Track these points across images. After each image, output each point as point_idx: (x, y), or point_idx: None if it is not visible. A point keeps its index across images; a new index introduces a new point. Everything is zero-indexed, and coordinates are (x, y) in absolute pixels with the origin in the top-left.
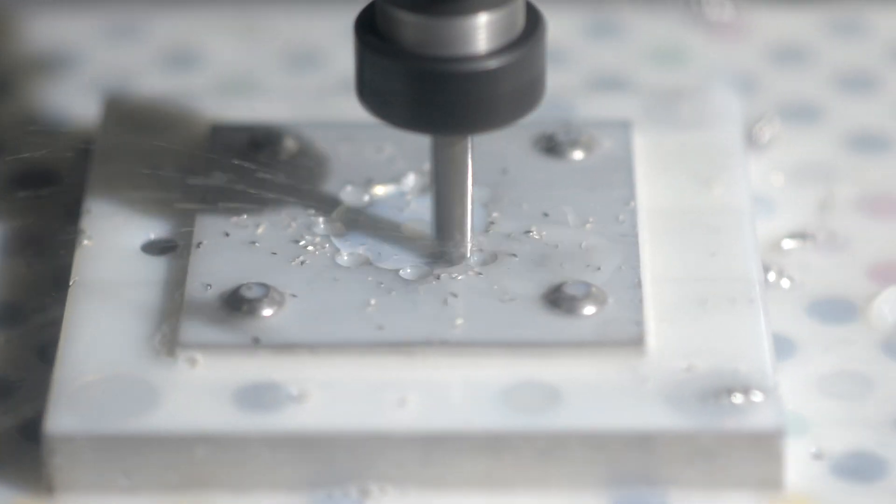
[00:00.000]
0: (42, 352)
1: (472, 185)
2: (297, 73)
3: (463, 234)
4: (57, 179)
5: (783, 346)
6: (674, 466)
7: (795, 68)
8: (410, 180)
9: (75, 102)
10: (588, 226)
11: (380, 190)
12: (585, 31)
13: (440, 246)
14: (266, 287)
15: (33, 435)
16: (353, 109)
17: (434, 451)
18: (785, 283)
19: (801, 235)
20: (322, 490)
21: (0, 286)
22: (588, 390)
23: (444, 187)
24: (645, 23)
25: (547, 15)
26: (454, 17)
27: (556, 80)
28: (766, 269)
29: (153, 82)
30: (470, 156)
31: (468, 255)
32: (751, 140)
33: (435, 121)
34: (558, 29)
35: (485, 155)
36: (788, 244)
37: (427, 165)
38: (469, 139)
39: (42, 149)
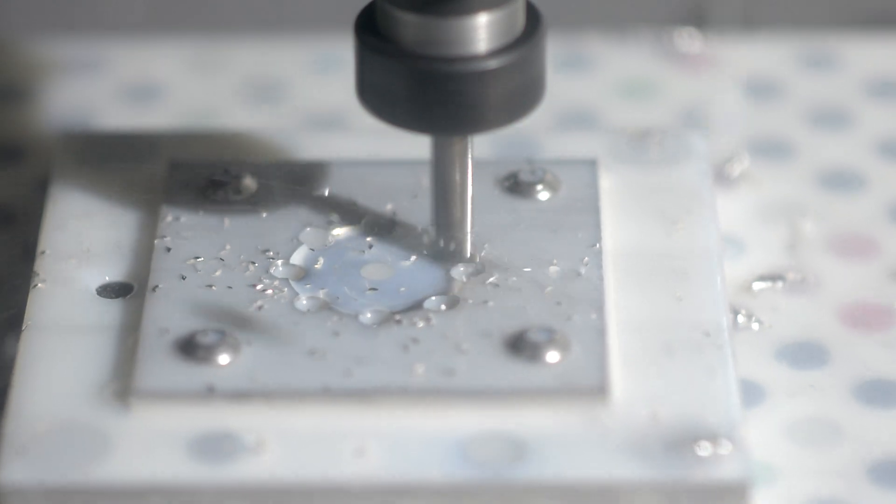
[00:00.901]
0: None
1: (472, 184)
2: (259, 106)
3: (463, 233)
4: (13, 218)
5: (751, 392)
6: None
7: (766, 103)
8: (371, 222)
9: (32, 137)
10: (552, 269)
11: (340, 231)
12: (554, 63)
13: (440, 245)
14: (222, 333)
15: None
16: (315, 147)
17: (394, 503)
18: (754, 325)
19: (770, 277)
20: None
21: None
22: (551, 440)
23: (444, 187)
24: (614, 56)
25: None
26: (454, 17)
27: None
28: (735, 312)
29: (113, 116)
30: (470, 156)
31: (468, 254)
32: (720, 177)
33: (435, 121)
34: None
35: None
36: (759, 286)
37: (388, 206)
38: (469, 139)
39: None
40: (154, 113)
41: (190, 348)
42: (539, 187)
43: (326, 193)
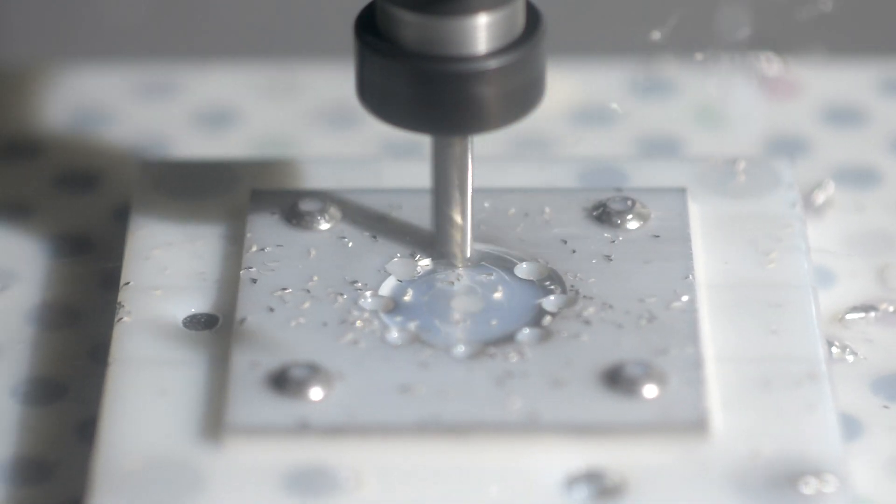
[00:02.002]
0: (80, 430)
1: (472, 185)
2: (335, 132)
3: (463, 234)
4: (91, 246)
5: (849, 426)
6: None
7: (849, 129)
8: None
9: (107, 163)
10: (645, 300)
11: (427, 262)
12: (634, 88)
13: (440, 246)
14: (314, 367)
15: None
16: (397, 174)
17: None
18: (849, 357)
19: (862, 308)
20: None
21: (35, 360)
22: (651, 476)
23: (445, 187)
24: (693, 81)
25: (594, 73)
26: (454, 18)
27: (606, 143)
28: (829, 344)
29: (187, 142)
30: (470, 156)
31: (468, 255)
32: (805, 205)
33: (435, 121)
34: (605, 87)
35: (537, 224)
36: (851, 317)
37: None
38: (469, 139)
39: (75, 213)
40: (228, 139)
41: (281, 382)
42: (629, 217)
43: (413, 221)
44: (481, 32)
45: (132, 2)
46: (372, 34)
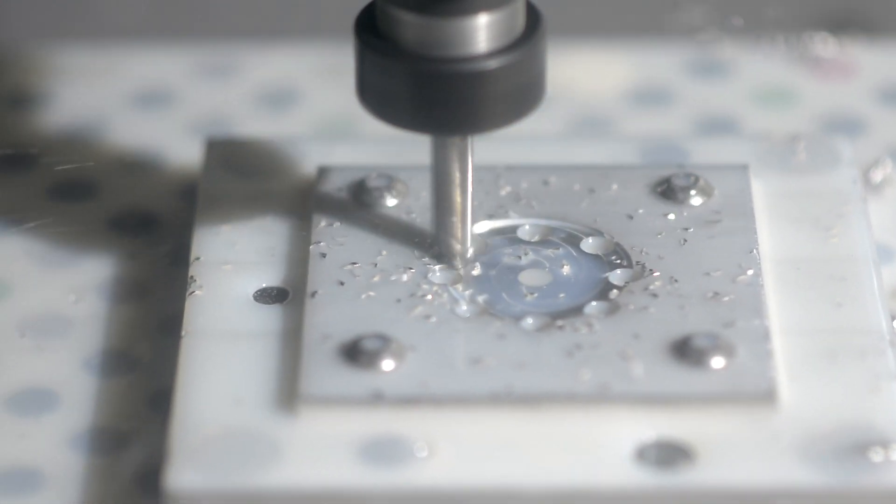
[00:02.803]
0: (152, 402)
1: (472, 184)
2: None
3: (463, 234)
4: (157, 223)
5: None
6: None
7: None
8: (527, 227)
9: (173, 142)
10: (710, 274)
11: (495, 236)
12: (690, 69)
13: (440, 246)
14: (385, 339)
15: (149, 488)
16: None
17: None
18: None
19: None
20: None
21: (108, 333)
22: (721, 445)
23: (445, 187)
24: (749, 62)
25: (651, 54)
26: (454, 18)
27: (664, 122)
28: (893, 318)
29: (249, 122)
30: (470, 156)
31: (467, 255)
32: (864, 184)
33: (435, 121)
34: (662, 68)
35: (603, 200)
36: None
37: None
38: (469, 139)
39: (141, 190)
40: (286, 119)
41: (354, 354)
42: (693, 192)
43: (479, 199)
44: (481, 32)
45: None
46: (372, 34)
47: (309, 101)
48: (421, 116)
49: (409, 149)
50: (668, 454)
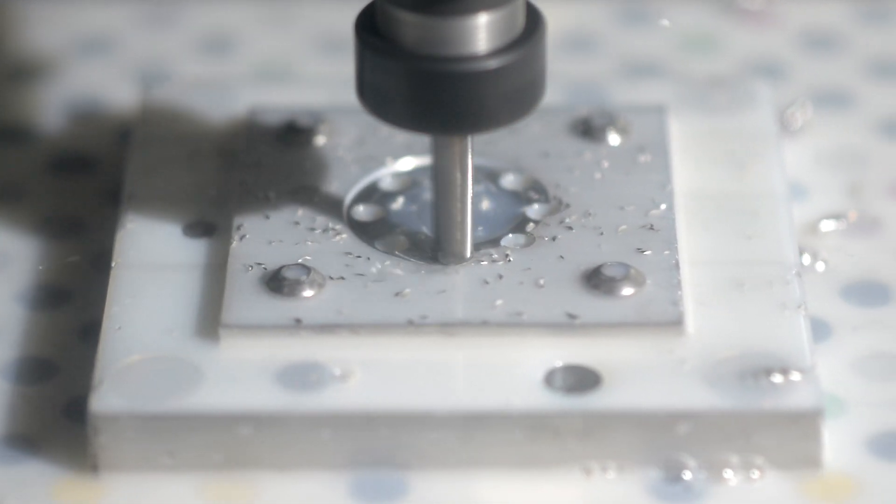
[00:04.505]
0: (83, 333)
1: (473, 184)
2: (333, 58)
3: (463, 234)
4: (96, 165)
5: (818, 329)
6: (713, 446)
7: (827, 55)
8: None
9: (113, 88)
10: (625, 208)
11: (419, 173)
12: (617, 18)
13: (440, 246)
14: (307, 269)
15: (77, 415)
16: None
17: (474, 431)
18: (819, 266)
19: (836, 217)
20: (364, 469)
21: (40, 270)
22: (628, 371)
23: (445, 187)
24: (676, 11)
25: (579, 2)
26: (454, 17)
27: (589, 67)
28: (801, 253)
29: (190, 68)
30: (470, 156)
31: (467, 255)
32: (783, 126)
33: (435, 121)
34: (590, 17)
35: (523, 139)
36: (827, 226)
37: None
38: (469, 139)
39: (80, 134)
40: (229, 64)
41: (276, 283)
42: (611, 131)
43: (404, 137)
44: (481, 32)
45: None
46: (372, 34)
47: (247, 47)
48: (421, 116)
49: (341, 90)
50: (577, 379)
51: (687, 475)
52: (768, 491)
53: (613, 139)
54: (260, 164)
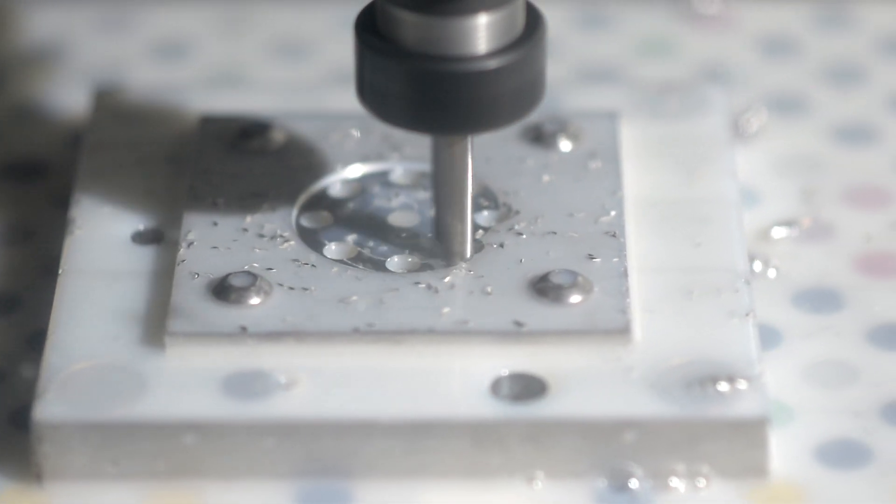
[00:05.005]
0: (32, 340)
1: (473, 184)
2: (286, 64)
3: (463, 234)
4: (46, 171)
5: (769, 336)
6: (659, 455)
7: (783, 60)
8: (399, 171)
9: (65, 94)
10: (575, 215)
11: (368, 180)
12: (574, 23)
13: (440, 246)
14: (253, 276)
15: (23, 424)
16: (342, 100)
17: (420, 439)
18: (771, 272)
19: (788, 224)
20: (309, 478)
21: None
22: (574, 379)
23: (444, 187)
24: (633, 15)
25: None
26: (454, 17)
27: (548, 72)
28: (752, 259)
29: (142, 74)
30: (470, 156)
31: (468, 255)
32: (738, 131)
33: (435, 121)
34: (548, 21)
35: (479, 146)
36: (778, 232)
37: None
38: (469, 139)
39: (31, 140)
40: (183, 71)
41: (222, 291)
42: (562, 138)
43: (355, 144)
44: (481, 32)
45: None
46: (372, 34)
47: (200, 52)
48: (421, 116)
49: (293, 97)
50: (523, 387)
51: (633, 484)
52: (715, 499)
53: (565, 145)
54: (210, 171)
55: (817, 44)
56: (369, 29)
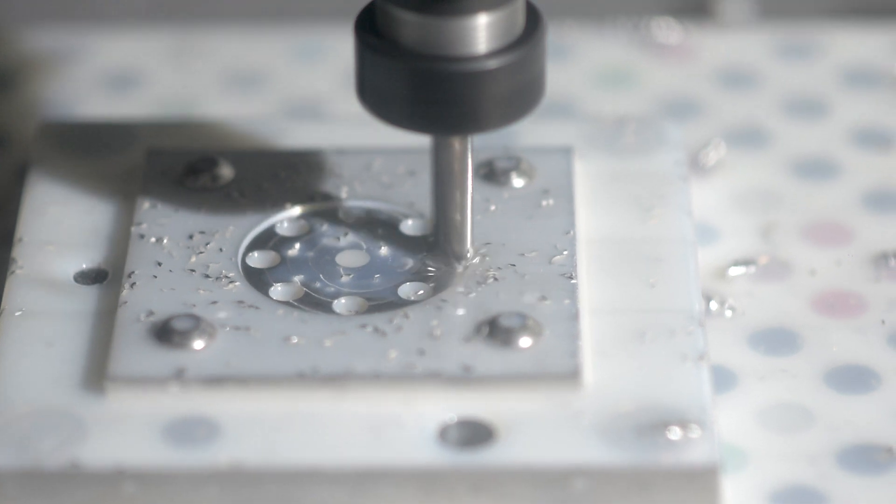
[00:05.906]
0: None
1: (473, 184)
2: (238, 96)
3: (463, 233)
4: None
5: (724, 378)
6: (609, 502)
7: (743, 92)
8: (346, 209)
9: (13, 126)
10: (526, 255)
11: (316, 218)
12: None
13: (440, 246)
14: (196, 319)
15: None
16: (294, 135)
17: (366, 487)
18: (727, 312)
19: (745, 262)
20: None
21: None
22: (523, 425)
23: (444, 187)
24: (590, 44)
25: None
26: (454, 17)
27: None
28: (708, 299)
29: (92, 105)
30: (470, 156)
31: (468, 255)
32: (696, 165)
33: (435, 121)
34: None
35: (424, 183)
36: (735, 271)
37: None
38: (469, 139)
39: None
40: (134, 102)
41: (165, 334)
42: (514, 175)
43: (304, 182)
44: (481, 32)
45: None
46: (372, 34)
47: (150, 84)
48: (421, 116)
49: (240, 133)
50: (470, 434)
51: None
52: None
53: (517, 182)
54: (156, 208)
55: (778, 74)
56: (369, 29)
